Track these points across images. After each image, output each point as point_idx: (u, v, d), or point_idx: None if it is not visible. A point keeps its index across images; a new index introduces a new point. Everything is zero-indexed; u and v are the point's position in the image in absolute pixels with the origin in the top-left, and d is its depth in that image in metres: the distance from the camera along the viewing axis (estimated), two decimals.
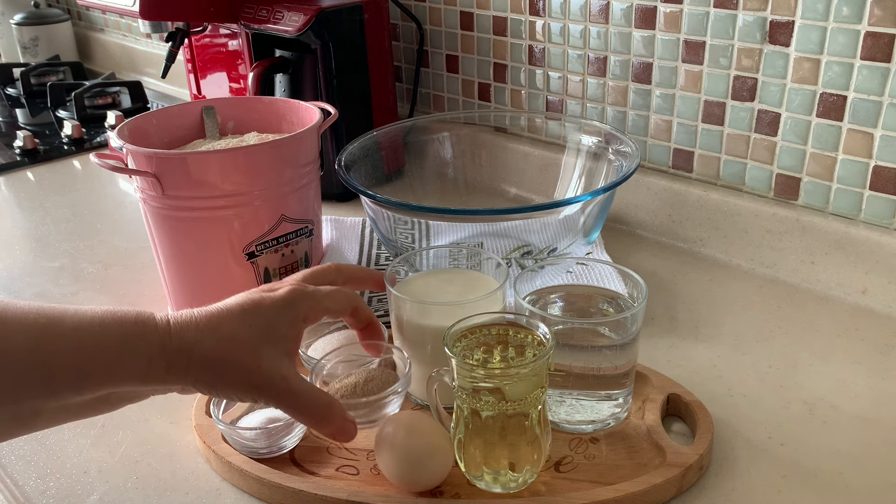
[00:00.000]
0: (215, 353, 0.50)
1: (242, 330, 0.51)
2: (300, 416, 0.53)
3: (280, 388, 0.51)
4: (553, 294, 0.63)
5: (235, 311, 0.52)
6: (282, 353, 0.52)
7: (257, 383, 0.51)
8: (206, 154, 0.71)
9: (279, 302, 0.53)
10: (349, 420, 0.54)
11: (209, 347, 0.50)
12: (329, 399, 0.53)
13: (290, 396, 0.52)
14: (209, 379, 0.50)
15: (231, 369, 0.50)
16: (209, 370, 0.50)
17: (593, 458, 0.57)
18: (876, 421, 0.61)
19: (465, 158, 0.98)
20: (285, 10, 0.97)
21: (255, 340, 0.51)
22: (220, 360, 0.50)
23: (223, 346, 0.50)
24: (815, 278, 0.80)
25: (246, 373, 0.50)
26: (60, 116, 1.44)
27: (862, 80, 0.73)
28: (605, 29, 0.91)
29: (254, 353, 0.51)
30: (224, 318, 0.51)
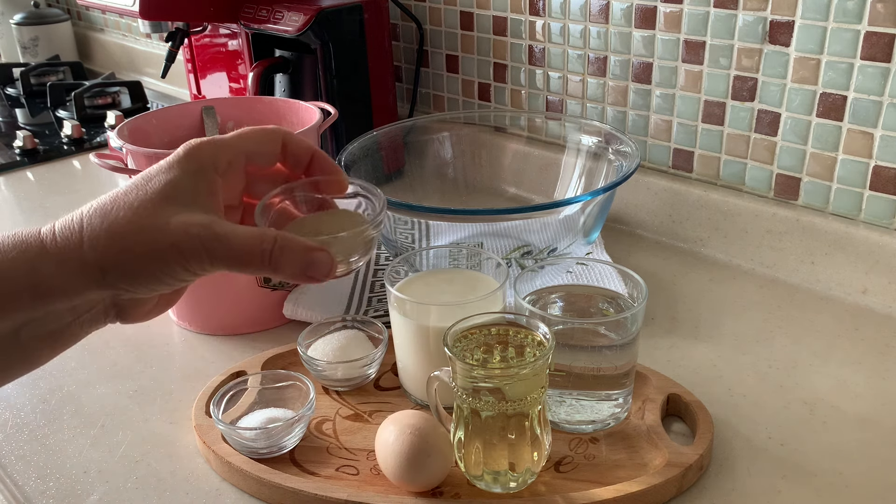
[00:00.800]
0: (109, 229, 0.41)
1: (135, 197, 0.42)
2: (245, 262, 0.43)
3: (202, 235, 0.41)
4: (553, 294, 0.63)
5: (124, 186, 0.43)
6: (196, 211, 0.42)
7: (171, 240, 0.41)
8: None
9: (172, 159, 0.44)
10: (315, 247, 0.43)
11: (101, 226, 0.42)
12: (277, 235, 0.43)
13: (220, 241, 0.42)
14: (113, 263, 0.41)
15: (132, 237, 0.41)
16: (109, 252, 0.41)
17: (593, 458, 0.57)
18: (876, 421, 0.61)
19: (465, 158, 0.98)
20: (285, 10, 0.97)
21: (154, 202, 0.42)
22: (117, 233, 0.41)
23: (117, 218, 0.42)
24: (815, 278, 0.80)
25: (152, 235, 0.41)
26: (60, 116, 1.44)
27: (862, 80, 0.73)
28: (605, 29, 0.91)
29: (155, 213, 0.42)
30: (112, 195, 0.43)
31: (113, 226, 0.42)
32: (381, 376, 0.67)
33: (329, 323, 0.70)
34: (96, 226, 0.42)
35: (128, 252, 0.41)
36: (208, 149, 0.44)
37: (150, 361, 0.73)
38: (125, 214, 0.42)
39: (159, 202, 0.42)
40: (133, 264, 0.41)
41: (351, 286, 0.81)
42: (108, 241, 0.41)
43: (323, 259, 0.43)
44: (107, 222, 0.42)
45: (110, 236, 0.41)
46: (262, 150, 0.47)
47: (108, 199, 0.43)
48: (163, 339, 0.76)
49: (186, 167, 0.43)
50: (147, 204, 0.42)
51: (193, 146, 0.44)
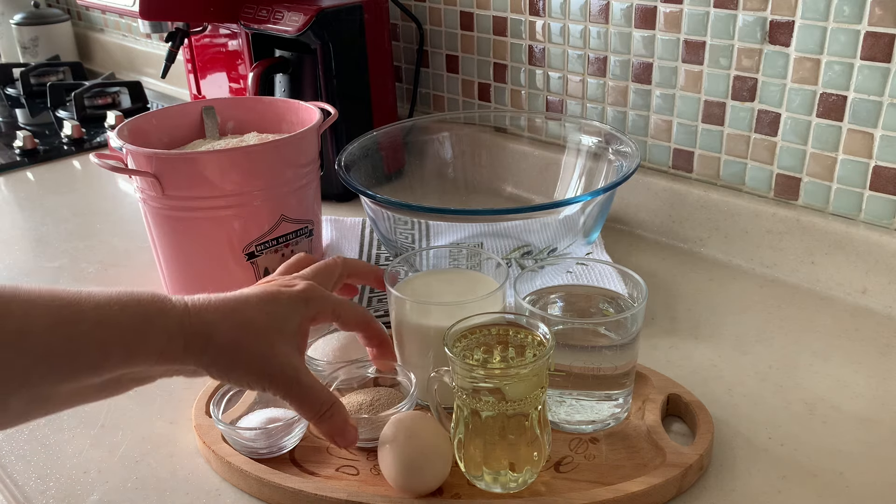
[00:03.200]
0: (232, 337, 0.50)
1: (259, 317, 0.52)
2: (305, 409, 0.53)
3: (291, 378, 0.52)
4: (553, 294, 0.63)
5: (253, 300, 0.52)
6: (293, 347, 0.53)
7: (270, 372, 0.51)
8: (206, 154, 0.71)
9: (295, 297, 0.54)
10: (351, 424, 0.54)
11: (227, 330, 0.50)
12: (334, 398, 0.53)
13: (299, 388, 0.52)
14: (224, 362, 0.51)
15: (246, 355, 0.51)
16: (225, 353, 0.50)
17: (593, 459, 0.57)
18: (876, 421, 0.61)
19: (465, 158, 0.98)
20: (285, 10, 0.97)
21: (271, 330, 0.52)
22: (237, 344, 0.50)
23: (241, 330, 0.51)
24: (815, 278, 0.80)
25: (260, 360, 0.51)
26: (60, 116, 1.44)
27: (862, 80, 0.73)
28: (605, 29, 0.91)
29: (269, 341, 0.52)
30: (242, 303, 0.52)
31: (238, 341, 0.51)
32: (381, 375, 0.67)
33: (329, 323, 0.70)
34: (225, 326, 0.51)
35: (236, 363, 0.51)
36: (319, 304, 0.56)
37: None
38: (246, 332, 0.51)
39: (274, 333, 0.52)
40: (237, 373, 0.51)
41: None
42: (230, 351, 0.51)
43: (351, 434, 0.54)
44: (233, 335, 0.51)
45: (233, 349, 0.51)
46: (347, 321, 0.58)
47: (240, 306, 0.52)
48: None
49: (300, 310, 0.54)
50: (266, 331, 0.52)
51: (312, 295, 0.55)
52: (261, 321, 0.52)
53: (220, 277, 0.75)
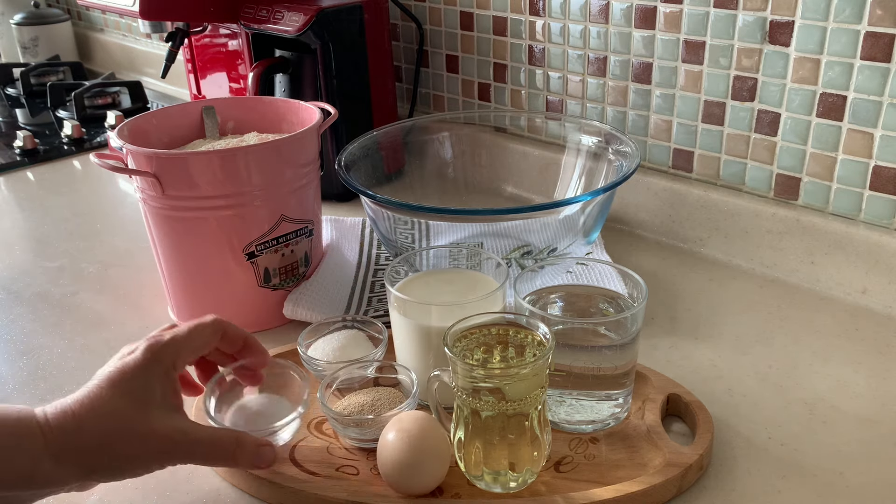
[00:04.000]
0: (102, 433, 0.48)
1: (119, 401, 0.49)
2: (214, 461, 0.54)
3: (182, 442, 0.50)
4: (553, 294, 0.63)
5: (105, 387, 0.50)
6: (169, 411, 0.51)
7: (158, 448, 0.50)
8: (206, 154, 0.71)
9: (141, 362, 0.51)
10: (263, 444, 0.54)
11: (94, 429, 0.48)
12: (235, 433, 0.53)
13: (197, 447, 0.51)
14: (106, 461, 0.48)
15: (126, 444, 0.49)
16: (103, 453, 0.48)
17: (593, 458, 0.57)
18: (876, 421, 0.61)
19: (465, 158, 0.98)
20: (285, 10, 0.97)
21: (137, 407, 0.50)
22: (110, 438, 0.48)
23: (107, 423, 0.48)
24: (815, 278, 0.80)
25: (142, 441, 0.49)
26: (60, 116, 1.44)
27: (862, 80, 0.73)
28: (605, 29, 0.91)
29: (142, 420, 0.49)
30: (96, 396, 0.49)
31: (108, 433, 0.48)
32: (381, 376, 0.67)
33: (329, 323, 0.70)
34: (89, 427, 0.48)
35: (119, 456, 0.49)
36: (169, 353, 0.53)
37: None
38: (114, 422, 0.49)
39: (142, 409, 0.50)
40: (123, 465, 0.50)
41: (351, 286, 0.81)
42: (100, 445, 0.48)
43: (268, 453, 0.54)
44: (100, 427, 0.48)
45: (102, 441, 0.48)
46: (205, 343, 0.56)
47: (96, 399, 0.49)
48: None
49: (155, 372, 0.52)
50: (132, 412, 0.49)
51: (156, 350, 0.52)
52: (122, 405, 0.49)
53: (220, 277, 0.75)
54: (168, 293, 0.79)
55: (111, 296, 0.85)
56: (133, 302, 0.83)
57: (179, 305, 0.78)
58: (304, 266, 0.79)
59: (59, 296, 0.85)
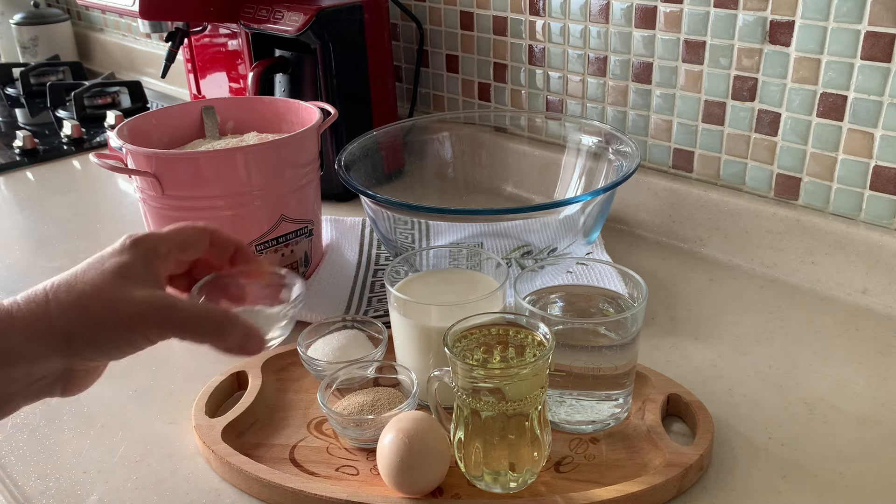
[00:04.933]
0: (78, 301, 0.45)
1: (98, 276, 0.46)
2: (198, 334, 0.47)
3: (164, 306, 0.46)
4: (553, 294, 0.63)
5: (82, 266, 0.47)
6: (150, 286, 0.48)
7: (136, 310, 0.45)
8: (206, 154, 0.71)
9: (119, 247, 0.49)
10: (253, 328, 0.49)
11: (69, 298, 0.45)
12: (225, 312, 0.49)
13: (180, 312, 0.47)
14: (82, 331, 0.45)
15: (101, 310, 0.45)
16: (78, 320, 0.45)
17: (593, 459, 0.57)
18: (876, 421, 0.61)
19: (465, 158, 0.98)
20: (285, 10, 0.97)
21: (116, 281, 0.46)
22: (86, 305, 0.45)
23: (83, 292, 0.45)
24: (815, 278, 0.80)
25: (119, 306, 0.45)
26: (60, 116, 1.44)
27: (862, 80, 0.73)
28: (605, 29, 0.91)
29: (119, 289, 0.46)
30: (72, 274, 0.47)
31: (81, 298, 0.45)
32: (381, 376, 0.67)
33: (329, 323, 0.70)
34: (63, 298, 0.45)
35: (95, 321, 0.45)
36: (149, 240, 0.50)
37: (150, 361, 0.72)
38: (91, 289, 0.45)
39: (119, 280, 0.47)
40: (99, 332, 0.45)
41: (351, 286, 0.81)
42: (76, 311, 0.45)
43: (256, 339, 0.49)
44: (73, 294, 0.45)
45: (78, 307, 0.45)
46: (194, 243, 0.52)
47: (70, 276, 0.46)
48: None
49: (136, 253, 0.49)
50: (110, 280, 0.46)
51: (138, 237, 0.50)
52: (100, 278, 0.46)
53: None
54: None
55: None
56: None
57: None
58: (303, 266, 0.79)
59: None
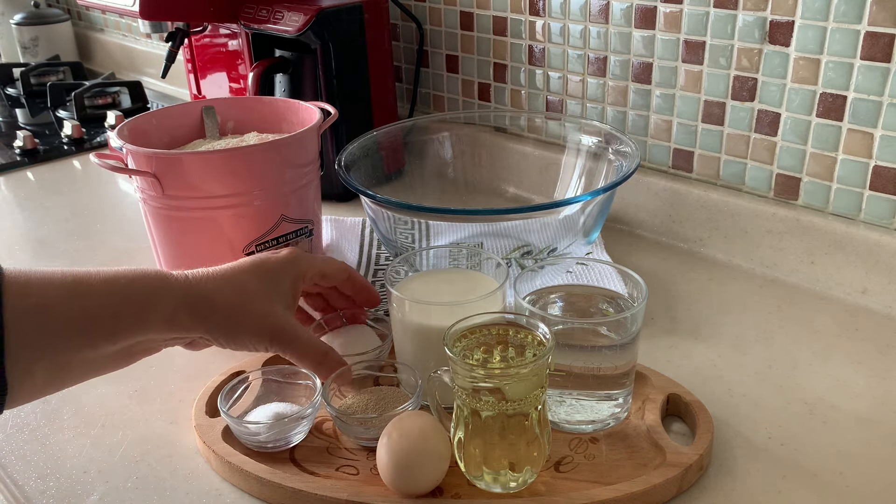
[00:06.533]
0: (233, 301, 0.56)
1: (254, 282, 0.57)
2: (303, 359, 0.59)
3: (290, 333, 0.58)
4: (553, 294, 0.63)
5: (247, 267, 0.58)
6: (287, 306, 0.59)
7: (270, 329, 0.57)
8: (206, 154, 0.71)
9: (283, 259, 0.60)
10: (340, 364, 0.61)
11: (227, 295, 0.56)
12: (327, 347, 0.60)
13: (298, 342, 0.58)
14: (227, 325, 0.56)
15: (247, 316, 0.56)
16: (228, 316, 0.56)
17: (593, 458, 0.57)
18: (876, 421, 0.61)
19: (465, 158, 0.98)
20: (285, 10, 0.97)
21: (267, 291, 0.58)
22: (238, 307, 0.56)
23: (239, 294, 0.56)
24: (815, 278, 0.80)
25: (260, 319, 0.57)
26: (60, 116, 1.44)
27: (862, 80, 0.73)
28: (605, 29, 0.91)
29: (267, 302, 0.57)
30: (237, 272, 0.58)
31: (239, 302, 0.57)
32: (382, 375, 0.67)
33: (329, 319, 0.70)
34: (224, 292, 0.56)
35: (241, 325, 0.57)
36: (306, 263, 0.62)
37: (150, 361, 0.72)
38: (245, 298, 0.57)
39: (270, 294, 0.58)
40: (240, 333, 0.57)
41: None
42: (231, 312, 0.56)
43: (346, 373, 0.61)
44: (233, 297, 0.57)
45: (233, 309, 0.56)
46: (334, 274, 0.65)
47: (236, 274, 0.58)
48: None
49: (289, 272, 0.60)
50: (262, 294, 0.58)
51: (298, 257, 0.62)
52: (255, 285, 0.57)
53: None
54: None
55: None
56: None
57: None
58: None
59: None
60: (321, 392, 0.59)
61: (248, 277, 0.58)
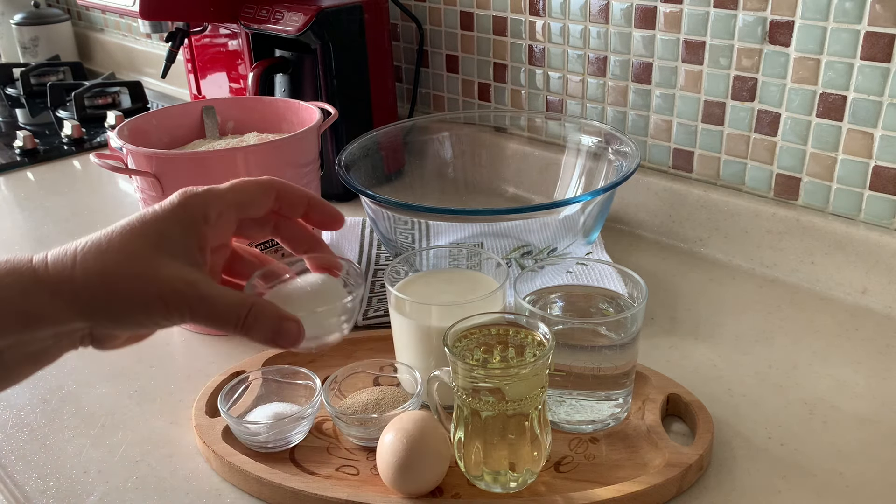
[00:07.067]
0: (103, 269, 0.43)
1: (130, 242, 0.44)
2: (221, 323, 0.44)
3: (187, 294, 0.43)
4: (553, 294, 0.63)
5: (117, 228, 0.45)
6: (183, 262, 0.45)
7: (158, 293, 0.43)
8: (206, 154, 0.71)
9: (166, 206, 0.45)
10: (288, 317, 0.45)
11: (95, 265, 0.43)
12: (251, 299, 0.45)
13: (202, 302, 0.44)
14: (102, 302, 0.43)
15: (125, 283, 0.43)
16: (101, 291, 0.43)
17: (593, 458, 0.57)
18: (876, 421, 0.61)
19: (465, 158, 0.98)
20: (285, 10, 0.97)
21: (147, 251, 0.44)
22: (110, 275, 0.43)
23: (111, 260, 0.43)
24: (815, 278, 0.80)
25: (143, 284, 0.43)
26: (60, 116, 1.44)
27: (862, 80, 0.73)
28: (605, 29, 0.91)
29: (148, 262, 0.44)
30: (107, 235, 0.44)
31: (106, 267, 0.43)
32: (382, 375, 0.67)
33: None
34: (90, 265, 0.43)
35: (116, 295, 0.43)
36: (200, 201, 0.46)
37: (150, 361, 0.73)
38: (119, 258, 0.43)
39: (151, 250, 0.44)
40: (119, 307, 0.43)
41: None
42: (100, 280, 0.43)
43: (292, 329, 0.45)
44: (100, 263, 0.43)
45: (103, 277, 0.43)
46: (256, 202, 0.49)
47: (104, 238, 0.44)
48: (163, 339, 0.76)
49: (180, 217, 0.45)
50: (140, 251, 0.44)
51: (187, 196, 0.46)
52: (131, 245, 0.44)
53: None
54: None
55: None
56: None
57: None
58: None
59: None
60: (321, 392, 0.59)
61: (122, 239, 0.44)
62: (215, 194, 0.47)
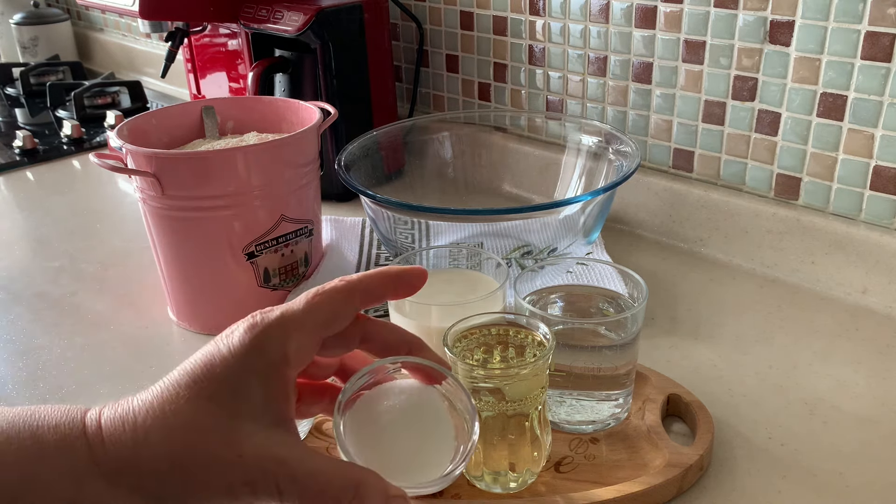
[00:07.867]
0: (171, 452, 0.35)
1: (200, 412, 0.36)
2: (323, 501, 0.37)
3: (278, 474, 0.36)
4: (553, 294, 0.63)
5: (183, 386, 0.36)
6: (267, 426, 0.37)
7: (243, 478, 0.36)
8: (205, 154, 0.71)
9: (238, 351, 0.37)
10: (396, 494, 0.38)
11: (162, 448, 0.35)
12: (358, 474, 0.37)
13: (297, 485, 0.36)
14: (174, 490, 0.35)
15: (200, 470, 0.35)
16: (171, 479, 0.35)
17: (593, 459, 0.57)
18: (876, 421, 0.61)
19: (465, 158, 0.98)
20: (285, 10, 0.97)
21: (223, 422, 0.36)
22: (182, 459, 0.35)
23: (179, 440, 0.35)
24: (815, 278, 0.80)
25: (223, 469, 0.35)
26: (60, 116, 1.44)
27: (862, 80, 0.73)
28: (606, 29, 0.91)
29: (227, 439, 0.36)
30: (169, 399, 0.36)
31: (175, 449, 0.35)
32: None
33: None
34: (156, 446, 0.35)
35: (192, 485, 0.36)
36: (276, 336, 0.38)
37: (150, 361, 0.72)
38: (191, 438, 0.36)
39: (228, 420, 0.36)
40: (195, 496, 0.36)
41: None
42: (169, 467, 0.35)
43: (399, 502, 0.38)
44: (167, 443, 0.35)
45: (172, 462, 0.35)
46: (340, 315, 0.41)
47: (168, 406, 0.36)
48: (163, 339, 0.76)
49: (255, 366, 0.37)
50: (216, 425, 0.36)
51: (259, 332, 0.38)
52: (203, 415, 0.36)
53: (219, 277, 0.75)
54: (167, 293, 0.79)
55: (111, 296, 0.85)
56: (132, 302, 0.83)
57: (179, 306, 0.78)
58: (303, 266, 0.79)
59: (59, 296, 0.85)
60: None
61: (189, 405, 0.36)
62: (293, 323, 0.38)
